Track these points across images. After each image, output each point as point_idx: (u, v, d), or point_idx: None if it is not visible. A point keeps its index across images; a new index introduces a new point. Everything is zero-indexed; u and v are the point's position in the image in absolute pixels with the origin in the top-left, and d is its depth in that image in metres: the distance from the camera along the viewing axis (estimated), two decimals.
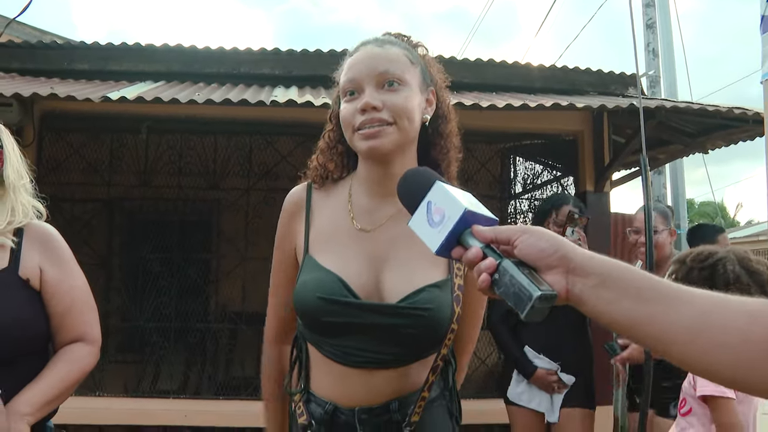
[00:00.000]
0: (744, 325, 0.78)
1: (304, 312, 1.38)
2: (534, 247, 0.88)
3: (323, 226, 1.45)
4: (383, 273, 1.38)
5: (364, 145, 1.36)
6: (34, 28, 8.90)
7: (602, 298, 0.84)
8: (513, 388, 3.39)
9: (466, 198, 0.96)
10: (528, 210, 6.81)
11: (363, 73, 1.38)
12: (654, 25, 8.17)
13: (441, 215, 0.94)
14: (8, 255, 1.66)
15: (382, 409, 1.36)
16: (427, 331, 1.34)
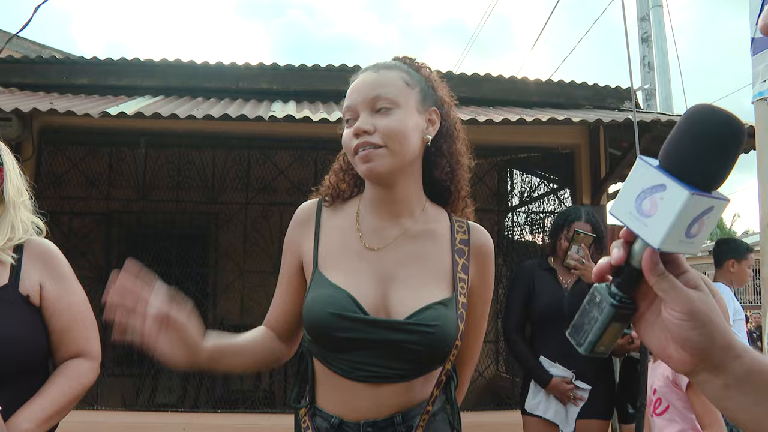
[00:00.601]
0: None
1: (314, 326, 1.39)
2: (678, 329, 0.74)
3: (333, 244, 1.48)
4: (391, 290, 1.41)
5: (362, 168, 1.41)
6: (33, 42, 8.95)
7: (731, 397, 0.75)
8: (530, 398, 3.38)
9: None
10: (525, 222, 6.83)
11: (357, 99, 1.43)
12: (649, 39, 8.24)
13: (654, 207, 0.71)
14: (8, 272, 1.67)
15: (387, 422, 1.38)
16: (433, 347, 1.37)
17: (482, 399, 6.19)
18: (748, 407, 0.74)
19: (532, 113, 5.01)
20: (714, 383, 0.75)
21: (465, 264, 1.46)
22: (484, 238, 1.52)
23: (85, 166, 6.13)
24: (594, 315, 0.75)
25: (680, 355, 0.75)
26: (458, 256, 1.46)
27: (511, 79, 6.03)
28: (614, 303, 0.75)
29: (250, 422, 4.67)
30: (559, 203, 6.15)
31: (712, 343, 0.73)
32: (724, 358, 0.74)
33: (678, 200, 0.69)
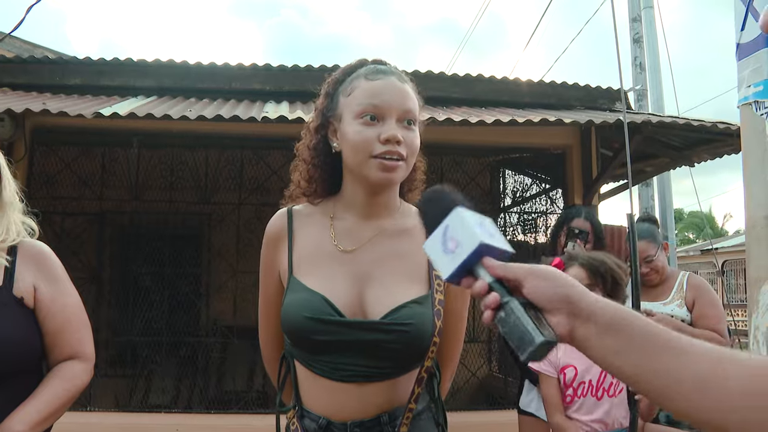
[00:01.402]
0: (748, 385, 0.77)
1: (291, 331, 1.42)
2: (540, 289, 0.89)
3: (306, 249, 1.48)
4: (366, 291, 1.42)
5: (379, 175, 1.39)
6: (25, 41, 8.92)
7: (606, 346, 0.85)
8: (524, 396, 3.40)
9: (483, 227, 0.96)
10: (517, 222, 6.86)
11: (389, 104, 1.41)
12: (641, 40, 8.26)
13: (455, 244, 0.94)
14: (2, 274, 1.67)
15: (373, 422, 1.39)
16: (410, 345, 1.38)
17: (475, 399, 6.22)
18: (621, 352, 0.83)
19: (524, 114, 5.03)
20: (591, 333, 0.85)
21: None
22: None
23: (78, 167, 6.12)
24: (514, 320, 0.86)
25: (557, 318, 0.86)
26: None
27: (503, 79, 6.05)
28: (515, 298, 0.88)
29: (243, 423, 4.68)
30: (551, 203, 6.18)
31: (568, 288, 0.87)
32: (588, 305, 0.86)
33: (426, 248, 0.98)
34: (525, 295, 0.89)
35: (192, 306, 6.03)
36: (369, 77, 1.45)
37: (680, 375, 0.80)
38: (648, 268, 3.24)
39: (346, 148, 1.44)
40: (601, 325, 0.85)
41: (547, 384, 2.57)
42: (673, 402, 0.81)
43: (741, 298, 23.86)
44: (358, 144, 1.40)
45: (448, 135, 4.96)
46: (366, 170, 1.40)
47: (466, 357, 6.26)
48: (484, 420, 4.99)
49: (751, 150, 2.43)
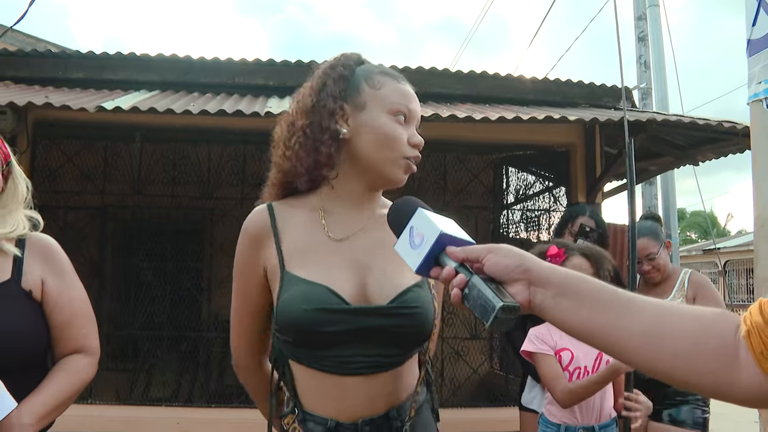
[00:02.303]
0: (695, 333, 0.84)
1: (295, 326, 1.35)
2: (499, 263, 0.97)
3: (296, 241, 1.43)
4: (366, 278, 1.40)
5: (401, 175, 1.44)
6: (28, 35, 8.92)
7: (561, 306, 0.92)
8: (526, 393, 3.40)
9: (444, 223, 1.06)
10: (520, 220, 6.85)
11: (415, 111, 1.47)
12: (646, 38, 8.23)
13: (421, 238, 1.04)
14: (11, 267, 1.68)
15: (383, 418, 1.38)
16: (417, 328, 1.39)
17: (476, 396, 6.21)
18: (574, 311, 0.91)
19: (528, 111, 5.01)
20: (547, 296, 0.93)
21: None
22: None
23: (80, 160, 6.11)
24: (477, 293, 0.95)
25: (516, 288, 0.95)
26: None
27: (507, 76, 6.03)
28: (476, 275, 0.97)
29: (244, 417, 4.66)
30: (555, 201, 6.17)
31: (523, 259, 0.96)
32: (542, 272, 0.94)
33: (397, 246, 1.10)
34: (485, 271, 0.97)
35: (193, 301, 6.03)
36: (396, 79, 1.48)
37: (630, 328, 0.87)
38: (650, 265, 3.23)
39: (368, 138, 1.42)
40: (555, 288, 0.93)
41: (545, 361, 2.56)
42: (628, 355, 0.88)
43: (743, 298, 23.86)
44: (392, 139, 1.41)
45: (451, 132, 4.94)
46: (390, 167, 1.42)
47: (468, 354, 6.26)
48: (485, 417, 4.98)
49: (760, 148, 2.40)
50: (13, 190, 1.77)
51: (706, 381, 0.84)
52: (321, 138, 1.43)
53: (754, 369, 0.80)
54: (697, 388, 0.87)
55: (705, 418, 3.16)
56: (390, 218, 1.16)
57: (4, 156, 1.76)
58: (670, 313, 0.87)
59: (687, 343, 0.84)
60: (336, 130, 1.43)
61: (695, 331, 0.85)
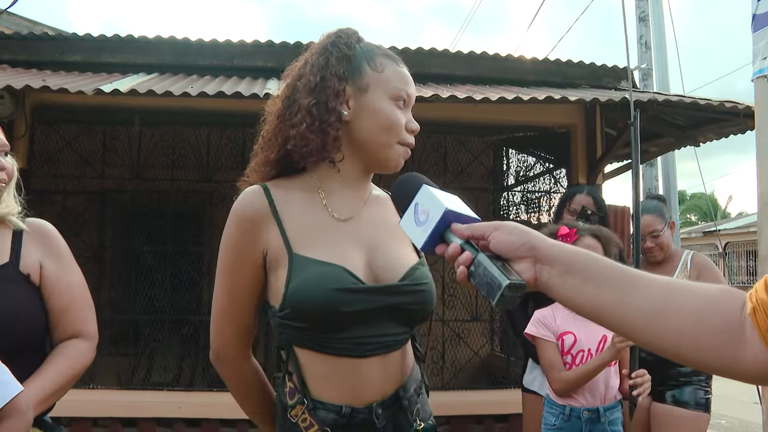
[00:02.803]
0: (700, 310, 0.84)
1: (315, 308, 1.31)
2: (504, 241, 0.96)
3: (302, 224, 1.39)
4: (374, 257, 1.41)
5: (398, 160, 1.44)
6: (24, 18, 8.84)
7: (568, 284, 0.92)
8: (527, 374, 3.40)
9: (449, 200, 1.05)
10: (521, 202, 6.83)
11: (412, 96, 1.47)
12: (647, 18, 8.19)
13: (426, 215, 1.04)
14: (9, 250, 1.68)
15: (393, 399, 1.38)
16: (426, 305, 1.42)
17: (477, 378, 6.23)
18: (580, 288, 0.90)
19: (528, 92, 4.98)
20: (553, 274, 0.92)
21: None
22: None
23: (79, 145, 6.09)
24: (483, 270, 0.94)
25: (522, 266, 0.94)
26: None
27: (507, 57, 5.98)
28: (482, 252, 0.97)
29: None
30: (555, 183, 6.15)
31: (529, 237, 0.95)
32: (548, 249, 0.94)
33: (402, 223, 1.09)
34: (491, 249, 0.97)
35: (194, 284, 6.02)
36: (396, 61, 1.46)
37: (636, 305, 0.86)
38: (653, 243, 3.22)
39: (368, 122, 1.41)
40: (561, 265, 0.92)
41: (546, 348, 2.59)
42: (634, 332, 0.88)
43: (743, 280, 23.90)
44: (392, 124, 1.40)
45: (451, 113, 4.92)
46: (387, 152, 1.42)
47: (469, 336, 6.27)
48: (486, 399, 5.00)
49: (765, 124, 2.38)
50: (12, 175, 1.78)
51: (712, 358, 0.83)
52: (328, 120, 1.39)
53: (760, 346, 0.79)
54: (702, 366, 0.87)
55: (707, 398, 3.16)
56: (394, 194, 1.16)
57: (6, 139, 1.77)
58: (675, 290, 0.87)
59: (692, 320, 0.83)
60: (340, 112, 1.40)
61: (700, 308, 0.84)
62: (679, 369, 3.10)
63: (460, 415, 4.82)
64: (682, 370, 3.10)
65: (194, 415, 4.66)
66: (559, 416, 2.55)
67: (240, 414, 1.64)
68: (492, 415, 4.87)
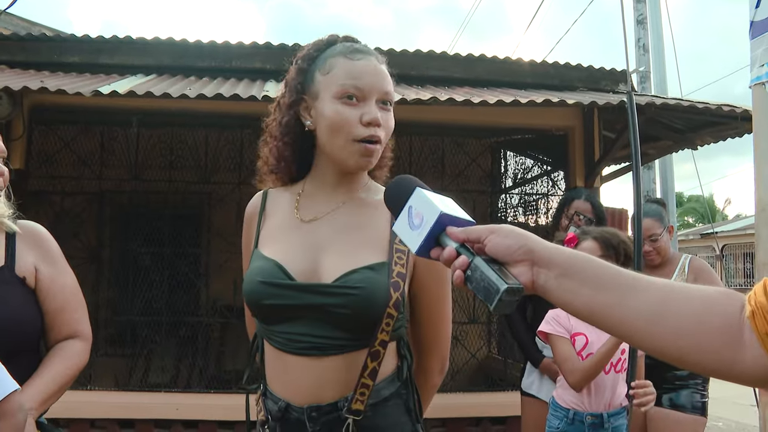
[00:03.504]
0: (698, 313, 0.84)
1: (247, 298, 1.43)
2: (501, 244, 0.95)
3: (272, 224, 1.51)
4: (322, 258, 1.41)
5: (359, 159, 1.40)
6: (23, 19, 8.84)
7: (564, 287, 0.91)
8: (525, 377, 3.41)
9: (443, 202, 1.03)
10: (518, 204, 6.84)
11: (371, 85, 1.40)
12: (644, 21, 8.20)
13: (420, 218, 1.02)
14: (3, 253, 1.69)
15: (331, 407, 1.36)
16: (360, 311, 1.34)
17: (474, 380, 6.23)
18: (577, 291, 0.89)
19: (526, 95, 4.99)
20: (550, 277, 0.91)
21: None
22: None
23: (77, 146, 6.08)
24: (480, 275, 0.93)
25: (519, 269, 0.93)
26: None
27: (505, 60, 5.99)
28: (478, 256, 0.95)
29: (243, 402, 4.67)
30: (553, 185, 6.16)
31: (526, 240, 0.94)
32: (545, 252, 0.92)
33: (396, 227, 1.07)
34: (487, 252, 0.95)
35: (192, 286, 6.02)
36: (349, 56, 1.43)
37: (634, 308, 0.86)
38: (652, 246, 3.22)
39: (323, 127, 1.42)
40: (558, 268, 0.91)
41: (559, 343, 2.56)
42: (632, 335, 0.88)
43: (740, 283, 23.93)
44: (339, 124, 1.38)
45: (449, 115, 4.92)
46: (345, 154, 1.40)
47: (466, 338, 6.27)
48: (483, 401, 5.00)
49: (762, 131, 2.38)
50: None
51: (710, 361, 0.83)
52: (289, 131, 1.49)
53: (759, 350, 0.79)
54: (700, 368, 0.87)
55: (704, 402, 3.17)
56: (387, 197, 1.14)
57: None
58: (674, 293, 0.87)
59: (691, 322, 0.83)
60: (301, 124, 1.47)
61: (699, 310, 0.84)
62: (676, 372, 3.10)
63: (457, 417, 4.82)
64: (678, 373, 3.10)
65: (192, 417, 4.66)
66: (563, 419, 2.55)
67: (237, 416, 1.67)
68: (489, 418, 4.88)
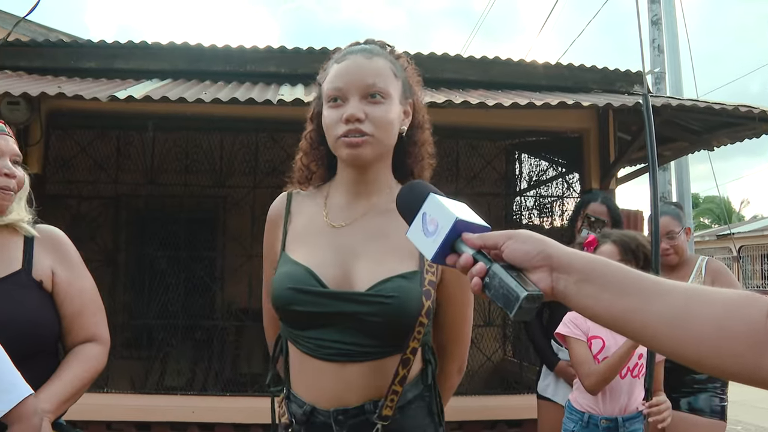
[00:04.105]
0: (721, 317, 0.82)
1: (276, 303, 1.44)
2: (519, 250, 0.93)
3: (299, 227, 1.53)
4: (353, 265, 1.42)
5: (345, 152, 1.44)
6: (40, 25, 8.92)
7: (585, 292, 0.89)
8: (541, 381, 3.40)
9: (458, 208, 1.01)
10: (533, 207, 6.81)
11: (350, 83, 1.44)
12: (659, 22, 8.16)
13: (435, 225, 1.00)
14: (21, 257, 1.71)
15: (357, 410, 1.37)
16: (392, 320, 1.36)
17: (490, 383, 6.21)
18: (598, 296, 0.88)
19: (540, 97, 4.97)
20: (569, 282, 0.90)
21: None
22: None
23: (93, 150, 6.12)
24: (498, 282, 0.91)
25: (537, 275, 0.91)
26: None
27: (519, 62, 5.98)
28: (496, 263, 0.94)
29: (258, 405, 4.68)
30: (568, 187, 6.13)
31: (545, 245, 0.92)
32: (564, 257, 0.91)
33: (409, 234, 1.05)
34: (505, 258, 0.93)
35: (207, 289, 6.05)
36: (337, 60, 1.50)
37: (655, 312, 0.84)
38: (669, 244, 3.19)
39: (325, 133, 1.48)
40: (577, 273, 0.90)
41: (576, 346, 2.56)
42: (653, 340, 0.86)
43: (758, 284, 23.70)
44: (327, 127, 1.46)
45: (463, 118, 4.91)
46: (337, 151, 1.46)
47: (482, 341, 6.25)
48: (499, 404, 4.98)
49: None
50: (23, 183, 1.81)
51: (733, 365, 0.81)
52: (312, 142, 1.57)
53: None
54: (722, 373, 0.85)
55: (723, 406, 3.13)
56: (399, 204, 1.12)
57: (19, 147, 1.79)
58: (696, 296, 0.85)
59: (714, 327, 0.82)
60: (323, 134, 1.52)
61: (721, 314, 0.82)
62: (694, 376, 3.06)
63: (472, 420, 4.81)
64: (696, 376, 3.07)
65: (208, 420, 4.67)
66: (577, 422, 2.54)
67: (253, 419, 1.68)
68: (505, 421, 4.86)
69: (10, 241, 1.72)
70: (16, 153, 1.77)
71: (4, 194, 1.68)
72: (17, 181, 1.73)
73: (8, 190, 1.69)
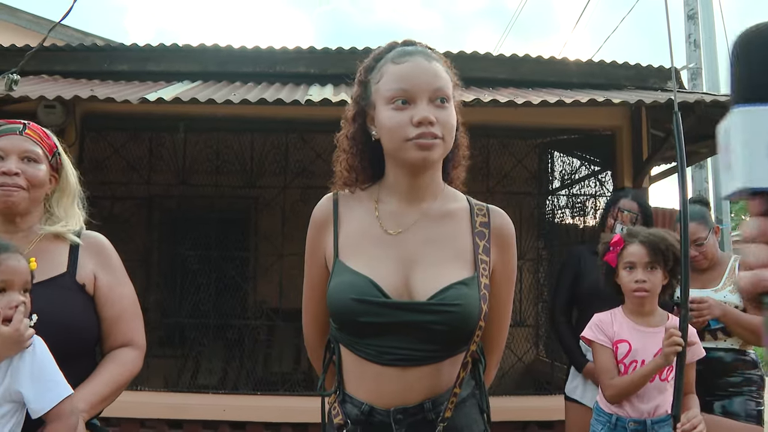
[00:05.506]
0: None
1: (337, 314, 1.44)
2: None
3: (352, 232, 1.51)
4: (412, 273, 1.43)
5: (417, 155, 1.40)
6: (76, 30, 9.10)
7: None
8: (569, 382, 3.36)
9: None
10: (566, 206, 6.74)
11: (418, 86, 1.42)
12: (695, 16, 8.02)
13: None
14: (67, 261, 1.76)
15: (417, 408, 1.40)
16: (457, 327, 1.39)
17: (521, 384, 6.16)
18: None
19: (571, 95, 4.92)
20: None
21: (486, 246, 1.48)
22: (505, 220, 1.54)
23: (126, 152, 6.21)
24: None
25: None
26: (479, 239, 1.48)
27: (549, 59, 5.92)
28: None
29: (289, 404, 4.72)
30: (600, 186, 6.05)
31: None
32: None
33: None
34: None
35: (238, 289, 6.09)
36: (396, 61, 1.47)
37: None
38: (697, 251, 3.11)
39: (382, 134, 1.46)
40: None
41: (601, 352, 2.53)
42: None
43: None
44: (393, 129, 1.42)
45: (494, 116, 4.88)
46: (403, 153, 1.42)
47: (513, 341, 6.21)
48: (530, 405, 4.94)
49: None
50: (66, 184, 1.84)
51: None
52: (357, 143, 1.54)
53: None
54: None
55: (759, 410, 3.04)
56: (737, 60, 0.72)
57: (48, 147, 1.80)
58: None
59: None
60: (367, 134, 1.52)
61: None
62: (728, 379, 2.99)
63: (503, 420, 4.77)
64: (731, 380, 2.99)
65: (239, 418, 4.71)
66: (605, 424, 2.50)
67: (284, 417, 1.69)
68: (536, 422, 4.82)
69: (57, 247, 1.77)
70: (28, 150, 1.75)
71: (4, 192, 1.69)
72: (29, 180, 1.73)
73: (9, 187, 1.70)
